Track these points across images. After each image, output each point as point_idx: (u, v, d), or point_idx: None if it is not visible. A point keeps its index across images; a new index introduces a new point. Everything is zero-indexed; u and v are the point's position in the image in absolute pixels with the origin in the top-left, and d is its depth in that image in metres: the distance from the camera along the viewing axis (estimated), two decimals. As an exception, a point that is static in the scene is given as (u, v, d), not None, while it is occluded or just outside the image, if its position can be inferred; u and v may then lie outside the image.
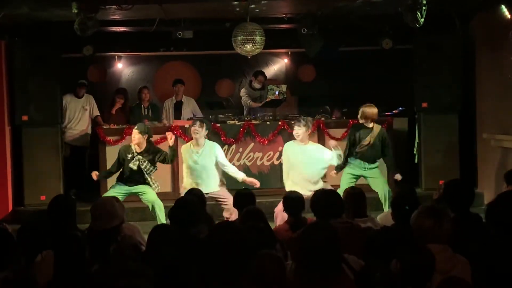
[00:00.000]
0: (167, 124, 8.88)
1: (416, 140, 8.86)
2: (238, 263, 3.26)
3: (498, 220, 3.81)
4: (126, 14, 7.48)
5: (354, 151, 7.19)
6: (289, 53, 10.63)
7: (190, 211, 4.43)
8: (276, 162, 8.48)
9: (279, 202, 5.94)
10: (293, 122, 7.24)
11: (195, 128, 6.95)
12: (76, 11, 6.60)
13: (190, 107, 9.61)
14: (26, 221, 4.56)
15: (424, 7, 6.54)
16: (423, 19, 6.60)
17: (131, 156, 6.99)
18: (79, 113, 9.02)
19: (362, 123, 7.22)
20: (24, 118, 8.28)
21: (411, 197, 4.47)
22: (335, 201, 4.51)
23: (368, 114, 7.16)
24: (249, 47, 7.59)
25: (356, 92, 9.70)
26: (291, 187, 6.74)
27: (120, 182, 7.13)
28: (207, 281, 3.28)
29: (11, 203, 8.36)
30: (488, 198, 8.04)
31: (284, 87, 9.39)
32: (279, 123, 8.66)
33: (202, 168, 6.99)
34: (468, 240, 3.71)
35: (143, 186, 7.09)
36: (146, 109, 9.43)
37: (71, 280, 3.31)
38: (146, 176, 7.04)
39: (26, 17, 7.51)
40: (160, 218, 6.96)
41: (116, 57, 10.25)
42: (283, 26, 8.88)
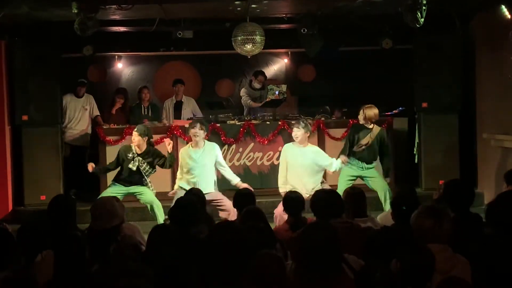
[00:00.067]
0: (167, 124, 8.87)
1: (416, 140, 8.86)
2: (238, 263, 3.26)
3: (498, 220, 3.82)
4: (126, 14, 7.47)
5: (352, 151, 7.21)
6: (289, 53, 10.63)
7: (190, 211, 4.43)
8: (276, 162, 8.46)
9: (279, 202, 5.94)
10: (293, 123, 7.23)
11: (195, 131, 6.93)
12: (76, 11, 6.60)
13: (190, 107, 9.60)
14: (26, 221, 4.56)
15: (424, 7, 6.54)
16: (423, 19, 6.60)
17: (131, 156, 6.99)
18: (79, 113, 9.01)
19: (363, 123, 7.23)
20: (24, 118, 8.28)
21: (411, 197, 4.47)
22: (335, 201, 4.51)
23: (369, 115, 7.17)
24: (249, 47, 7.60)
25: (356, 92, 9.72)
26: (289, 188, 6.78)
27: (117, 182, 7.12)
28: (207, 281, 3.28)
29: (11, 203, 8.36)
30: (488, 198, 8.04)
31: (284, 87, 9.38)
32: (279, 123, 8.65)
33: (202, 167, 6.97)
34: (468, 240, 3.71)
35: (141, 186, 7.09)
36: (146, 109, 9.43)
37: (71, 280, 3.31)
38: (145, 178, 7.06)
39: (26, 17, 7.51)
40: (159, 218, 6.95)
41: (116, 57, 10.25)
42: (283, 26, 8.88)
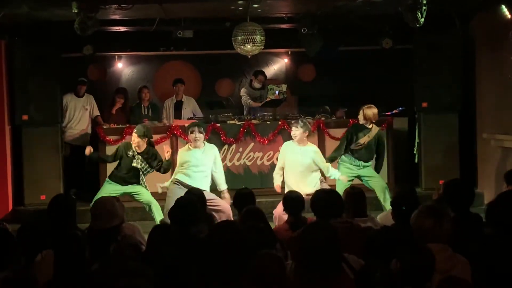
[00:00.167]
0: (167, 124, 8.87)
1: (416, 140, 8.86)
2: (238, 263, 3.26)
3: (498, 220, 3.82)
4: (126, 14, 7.48)
5: (350, 149, 7.23)
6: (289, 52, 10.62)
7: (190, 211, 4.43)
8: (276, 162, 8.46)
9: (279, 202, 5.93)
10: (292, 122, 7.23)
11: (194, 136, 6.86)
12: (76, 11, 6.60)
13: (190, 107, 9.60)
14: (26, 220, 4.57)
15: (424, 7, 6.54)
16: (423, 19, 6.60)
17: (132, 154, 6.98)
18: (79, 112, 9.01)
19: (363, 123, 7.25)
20: (24, 117, 8.27)
21: (411, 197, 4.47)
22: (335, 201, 4.51)
23: (368, 115, 7.19)
24: (249, 46, 7.60)
25: (356, 92, 9.71)
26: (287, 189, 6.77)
27: (113, 181, 7.07)
28: (207, 281, 3.28)
29: (11, 202, 8.36)
30: (488, 198, 8.04)
31: (284, 87, 9.37)
32: (279, 122, 8.65)
33: (200, 167, 6.92)
34: (468, 240, 3.71)
35: (137, 186, 7.07)
36: (146, 108, 9.43)
37: (71, 280, 3.31)
38: (142, 176, 7.05)
39: (26, 16, 7.51)
40: (157, 218, 6.94)
41: (116, 56, 10.24)
42: (283, 26, 8.89)
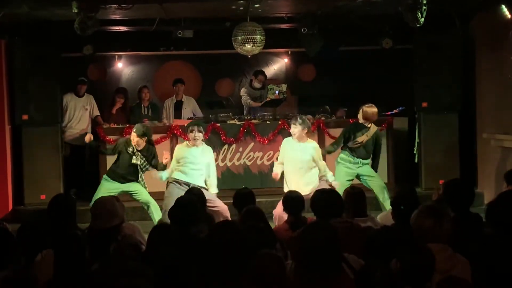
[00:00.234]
0: (167, 124, 8.88)
1: (416, 140, 8.86)
2: (238, 263, 3.26)
3: (498, 220, 3.81)
4: (126, 14, 7.48)
5: (347, 146, 7.26)
6: (289, 52, 10.61)
7: (190, 211, 4.43)
8: (276, 162, 8.46)
9: (278, 202, 5.93)
10: (291, 119, 7.17)
11: (194, 134, 6.86)
12: (76, 11, 6.60)
13: (190, 107, 9.60)
14: (26, 220, 4.55)
15: (424, 7, 6.55)
16: (423, 19, 6.60)
17: (131, 151, 6.98)
18: (79, 112, 9.01)
19: (362, 122, 7.26)
20: (24, 117, 8.28)
21: (411, 196, 4.47)
22: (335, 200, 4.51)
23: (368, 115, 7.20)
24: (249, 46, 7.59)
25: (356, 92, 9.71)
26: (286, 187, 6.80)
27: (111, 178, 7.06)
28: (207, 281, 3.28)
29: (11, 202, 8.36)
30: (488, 198, 8.04)
31: (284, 87, 9.37)
32: (279, 122, 8.65)
33: (197, 164, 6.89)
34: (468, 240, 3.71)
35: (135, 184, 7.07)
36: (146, 108, 9.43)
37: (71, 280, 3.31)
38: (141, 173, 7.04)
39: (26, 16, 7.51)
40: (155, 218, 6.94)
41: (116, 56, 10.24)
42: (283, 26, 8.88)
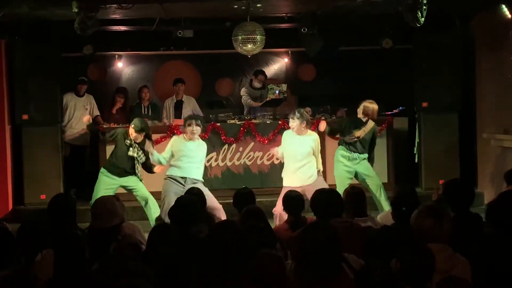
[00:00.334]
0: (167, 123, 8.88)
1: (416, 140, 8.86)
2: (238, 263, 3.26)
3: (498, 220, 3.81)
4: (126, 13, 7.47)
5: (344, 141, 7.26)
6: (289, 52, 10.62)
7: (190, 211, 4.43)
8: (276, 162, 8.47)
9: (278, 200, 5.93)
10: (290, 114, 7.11)
11: (192, 128, 6.88)
12: (76, 10, 6.60)
13: (191, 106, 9.60)
14: (26, 220, 4.56)
15: (424, 7, 6.54)
16: (423, 19, 6.60)
17: (129, 143, 6.99)
18: (80, 112, 9.00)
19: (360, 117, 7.25)
20: (24, 117, 8.28)
21: (411, 196, 4.47)
22: (335, 200, 4.50)
23: (369, 110, 7.19)
24: (249, 46, 7.59)
25: (356, 92, 9.68)
26: (286, 179, 6.81)
27: (108, 171, 7.06)
28: (207, 281, 3.28)
29: (11, 202, 8.36)
30: (488, 198, 8.04)
31: (284, 87, 9.37)
32: (279, 122, 8.64)
33: (193, 158, 6.89)
34: (468, 240, 3.71)
35: (133, 179, 7.08)
36: (146, 108, 9.43)
37: (71, 279, 3.31)
38: (137, 165, 7.04)
39: (26, 16, 7.51)
40: (153, 215, 6.93)
41: (116, 56, 10.24)
42: (283, 26, 8.88)
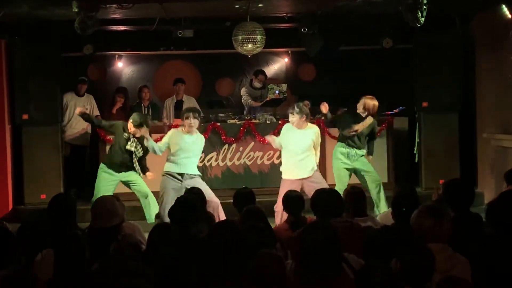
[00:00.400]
0: (167, 123, 8.88)
1: (417, 140, 8.86)
2: (238, 263, 3.26)
3: (498, 220, 3.81)
4: (126, 13, 7.47)
5: (342, 135, 7.28)
6: (289, 52, 10.61)
7: (190, 210, 4.43)
8: (276, 161, 8.47)
9: (279, 197, 5.94)
10: (289, 109, 7.10)
11: (189, 121, 6.82)
12: (76, 10, 6.60)
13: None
14: (26, 220, 4.56)
15: (424, 7, 6.54)
16: (423, 19, 6.60)
17: (127, 136, 6.98)
18: (80, 111, 9.01)
19: (360, 112, 7.25)
20: (25, 117, 8.28)
21: (411, 196, 4.47)
22: (335, 200, 4.50)
23: (370, 106, 7.21)
24: (249, 46, 7.58)
25: (356, 92, 9.60)
26: (286, 172, 6.82)
27: (108, 166, 7.07)
28: (207, 280, 3.28)
29: (11, 201, 8.36)
30: (488, 198, 8.04)
31: (284, 86, 9.37)
32: (280, 122, 8.63)
33: (191, 152, 6.88)
34: (468, 239, 3.71)
35: (132, 174, 7.08)
36: (146, 108, 9.43)
37: (71, 279, 3.31)
38: (135, 160, 7.04)
39: (26, 16, 7.51)
40: (151, 213, 6.92)
41: (116, 56, 10.24)
42: (284, 25, 8.88)
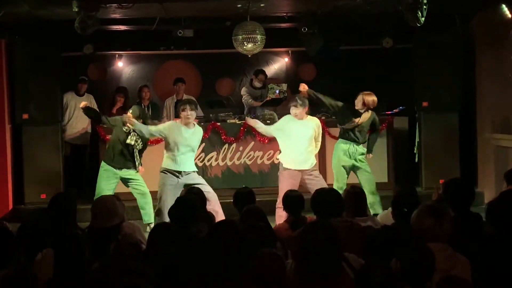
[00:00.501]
0: (167, 123, 8.88)
1: (417, 139, 8.86)
2: (238, 263, 3.26)
3: (498, 220, 3.81)
4: (126, 13, 7.47)
5: (343, 129, 7.30)
6: (289, 52, 10.61)
7: (190, 210, 4.43)
8: (276, 161, 8.46)
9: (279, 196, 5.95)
10: (290, 103, 7.09)
11: (186, 113, 6.74)
12: (76, 10, 6.60)
13: (191, 106, 9.59)
14: (26, 219, 4.55)
15: (424, 6, 6.54)
16: (423, 18, 6.60)
17: (127, 129, 6.99)
18: (80, 111, 8.95)
19: (359, 108, 7.27)
20: (25, 116, 8.27)
21: (411, 196, 4.47)
22: (335, 200, 4.50)
23: (369, 102, 7.23)
24: (250, 45, 7.58)
25: (357, 91, 9.63)
26: (287, 161, 6.87)
27: (108, 164, 7.09)
28: (207, 280, 3.28)
29: (12, 201, 8.36)
30: (488, 197, 8.04)
31: (284, 86, 9.37)
32: (279, 122, 8.64)
33: (188, 147, 6.85)
34: (468, 239, 3.71)
35: (132, 172, 7.09)
36: (146, 107, 9.40)
37: (71, 279, 3.31)
38: (136, 154, 7.05)
39: (27, 15, 7.51)
40: (148, 211, 6.92)
41: (117, 55, 10.24)
42: (284, 25, 8.88)
